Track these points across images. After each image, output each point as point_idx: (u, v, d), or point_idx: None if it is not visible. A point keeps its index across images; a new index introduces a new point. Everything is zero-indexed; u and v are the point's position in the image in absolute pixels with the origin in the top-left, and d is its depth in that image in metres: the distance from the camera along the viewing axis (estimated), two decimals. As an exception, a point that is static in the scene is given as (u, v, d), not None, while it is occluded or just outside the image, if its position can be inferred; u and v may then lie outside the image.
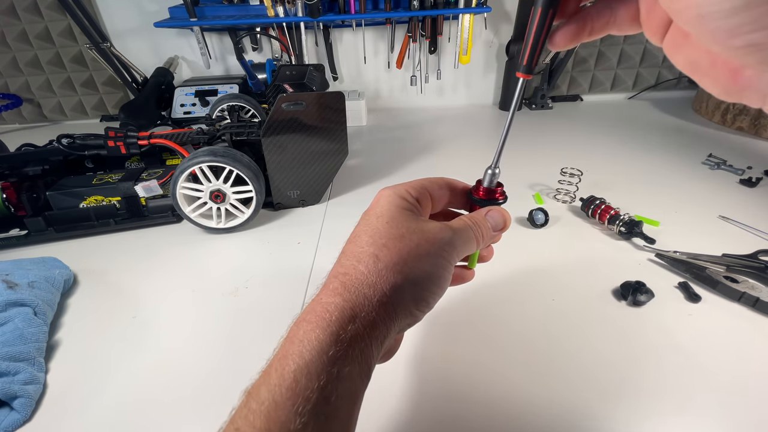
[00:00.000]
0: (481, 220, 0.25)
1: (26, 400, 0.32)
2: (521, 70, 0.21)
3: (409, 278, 0.21)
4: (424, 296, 0.22)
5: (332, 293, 0.21)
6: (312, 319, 0.20)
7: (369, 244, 0.22)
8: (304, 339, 0.19)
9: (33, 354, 0.35)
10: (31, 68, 0.97)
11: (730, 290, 0.40)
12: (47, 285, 0.42)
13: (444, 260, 0.23)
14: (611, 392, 0.32)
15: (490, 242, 0.26)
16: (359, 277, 0.21)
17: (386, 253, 0.22)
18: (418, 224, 0.23)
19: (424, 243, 0.22)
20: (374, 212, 0.24)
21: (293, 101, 0.52)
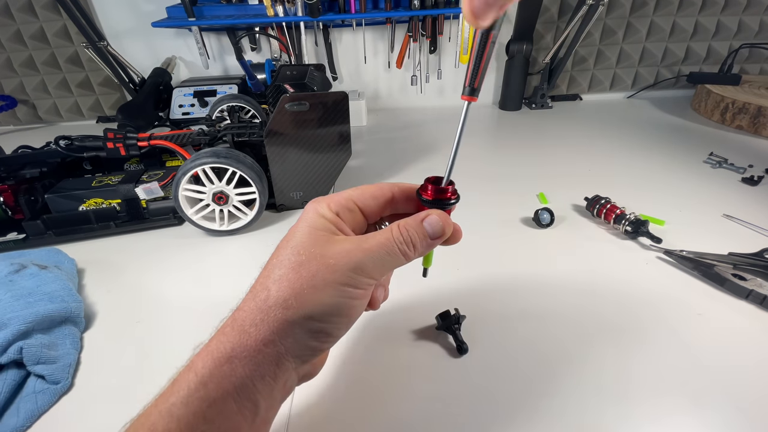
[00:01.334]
0: (414, 228, 0.23)
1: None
2: (466, 93, 0.21)
3: (302, 313, 0.20)
4: (323, 329, 0.21)
5: (221, 332, 0.21)
6: (194, 361, 0.21)
7: (267, 275, 0.22)
8: (180, 381, 0.20)
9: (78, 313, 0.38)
10: (26, 69, 0.96)
11: (738, 288, 0.40)
12: (69, 266, 0.45)
13: (347, 288, 0.21)
14: (614, 393, 0.31)
15: (426, 251, 0.24)
16: (248, 315, 0.21)
17: (279, 287, 0.21)
18: (323, 248, 0.21)
19: (323, 270, 0.21)
20: (287, 236, 0.23)
21: (296, 102, 0.52)
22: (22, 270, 0.41)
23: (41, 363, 0.33)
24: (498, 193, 0.62)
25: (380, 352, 0.36)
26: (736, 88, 0.90)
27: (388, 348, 0.36)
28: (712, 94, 0.89)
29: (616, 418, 0.30)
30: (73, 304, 0.38)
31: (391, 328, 0.38)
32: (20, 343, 0.33)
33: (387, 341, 0.37)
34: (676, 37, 1.00)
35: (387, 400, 0.31)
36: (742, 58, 1.01)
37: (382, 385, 0.33)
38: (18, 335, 0.33)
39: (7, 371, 0.32)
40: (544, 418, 0.30)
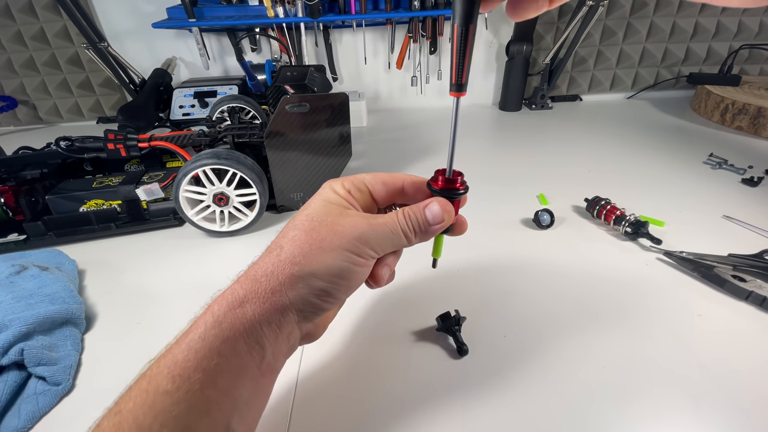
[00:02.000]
0: (416, 214, 0.25)
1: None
2: (453, 89, 0.22)
3: (307, 270, 0.23)
4: (324, 288, 0.23)
5: (237, 281, 0.24)
6: (212, 305, 0.23)
7: (283, 236, 0.24)
8: (199, 322, 0.22)
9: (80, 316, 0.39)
10: (27, 70, 0.96)
11: (738, 289, 0.40)
12: (70, 267, 0.45)
13: (350, 254, 0.23)
14: (614, 393, 0.31)
15: (428, 237, 0.26)
16: (261, 266, 0.23)
17: (290, 245, 0.23)
18: (334, 218, 0.24)
19: (331, 235, 0.23)
20: (305, 206, 0.26)
21: (297, 103, 0.52)
22: (23, 271, 0.41)
23: (42, 364, 0.33)
24: (498, 194, 0.62)
25: (380, 352, 0.36)
26: (736, 89, 0.90)
27: (388, 349, 0.36)
28: (712, 95, 0.89)
29: (616, 418, 0.30)
30: (73, 305, 0.39)
31: (391, 329, 0.38)
32: (21, 344, 0.33)
33: (387, 342, 0.37)
34: (676, 38, 1.00)
35: (387, 400, 0.32)
36: (742, 59, 1.02)
37: (382, 386, 0.33)
38: (19, 337, 0.33)
39: (8, 373, 0.32)
40: (544, 419, 0.30)
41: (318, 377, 0.34)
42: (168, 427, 0.19)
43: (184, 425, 0.19)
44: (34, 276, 0.40)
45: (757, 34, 0.99)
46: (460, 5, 0.19)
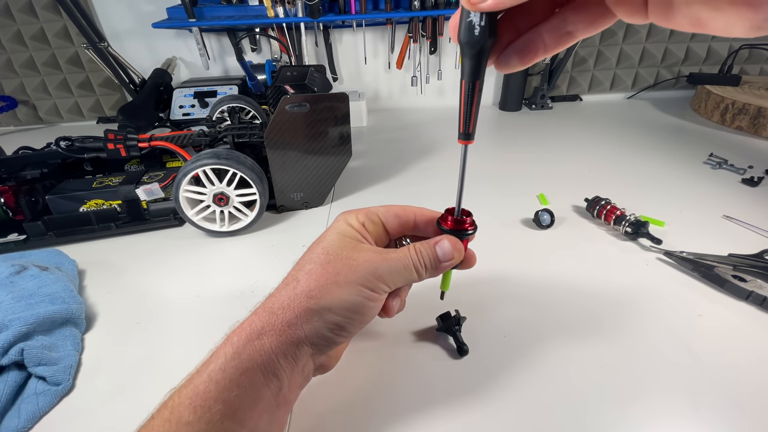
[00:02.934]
0: (427, 250, 0.26)
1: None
2: (461, 138, 0.24)
3: (323, 304, 0.23)
4: (338, 322, 0.24)
5: (255, 313, 0.24)
6: (231, 336, 0.24)
7: (299, 269, 0.25)
8: (219, 352, 0.23)
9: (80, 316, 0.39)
10: (27, 70, 0.96)
11: (738, 289, 0.40)
12: (70, 267, 0.46)
13: (364, 289, 0.24)
14: (614, 393, 0.31)
15: (438, 273, 0.27)
16: (278, 299, 0.24)
17: (306, 279, 0.24)
18: (349, 252, 0.25)
19: (346, 270, 0.24)
20: (319, 238, 0.27)
21: (297, 103, 0.52)
22: (23, 271, 0.41)
23: (42, 364, 0.33)
24: (498, 194, 0.62)
25: (380, 352, 0.36)
26: (736, 89, 0.90)
27: (388, 349, 0.36)
28: (712, 95, 0.89)
29: (616, 418, 0.30)
30: (74, 305, 0.39)
31: (391, 329, 0.38)
32: (21, 344, 0.33)
33: (387, 342, 0.37)
34: (675, 38, 1.00)
35: (387, 400, 0.32)
36: (741, 59, 1.02)
37: (382, 386, 0.33)
38: (19, 337, 0.33)
39: (8, 373, 0.32)
40: (544, 419, 0.30)
41: (318, 376, 0.34)
42: None
43: None
44: (34, 276, 0.40)
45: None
46: (468, 63, 0.21)
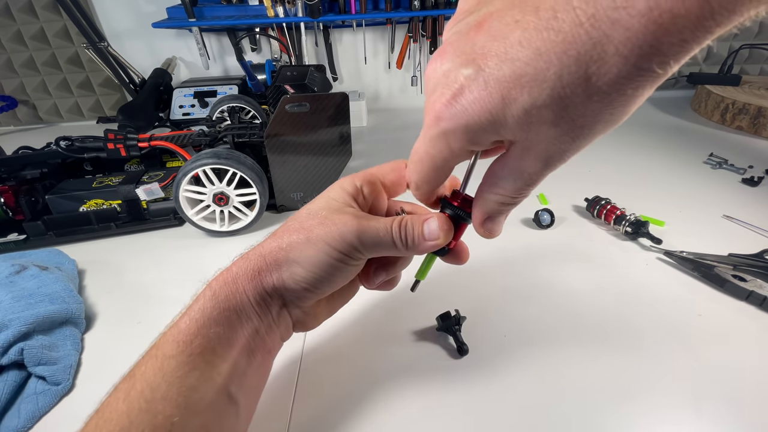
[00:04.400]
0: (413, 224, 0.24)
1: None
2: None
3: (291, 257, 0.24)
4: (305, 277, 0.24)
5: (235, 261, 0.26)
6: (211, 282, 0.25)
7: (285, 225, 0.26)
8: (200, 296, 0.25)
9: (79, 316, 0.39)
10: (27, 69, 0.96)
11: (738, 289, 0.40)
12: (70, 267, 0.46)
13: (333, 249, 0.24)
14: (614, 393, 0.31)
15: (419, 251, 0.25)
16: (256, 249, 0.25)
17: (282, 233, 0.25)
18: (330, 212, 0.25)
19: (319, 229, 0.24)
20: (317, 198, 0.27)
21: (297, 102, 0.52)
22: (22, 271, 0.41)
23: (42, 364, 0.33)
24: (498, 193, 0.62)
25: (380, 352, 0.36)
26: (736, 89, 0.90)
27: (387, 348, 0.36)
28: (712, 95, 0.89)
29: (616, 418, 0.30)
30: (73, 305, 0.39)
31: (391, 329, 0.38)
32: (21, 344, 0.33)
33: (387, 342, 0.37)
34: (676, 38, 1.00)
35: (387, 400, 0.32)
36: (742, 59, 1.02)
37: (381, 386, 0.33)
38: (19, 336, 0.33)
39: (8, 372, 0.32)
40: (544, 419, 0.30)
41: (318, 376, 0.34)
42: (174, 385, 0.21)
43: (189, 385, 0.21)
44: (34, 275, 0.40)
45: (757, 34, 0.99)
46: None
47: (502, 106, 0.15)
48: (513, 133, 0.16)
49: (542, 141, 0.16)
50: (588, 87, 0.13)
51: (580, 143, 0.16)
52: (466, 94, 0.15)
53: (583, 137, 0.15)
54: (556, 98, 0.14)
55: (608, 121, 0.14)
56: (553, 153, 0.16)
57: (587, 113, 0.14)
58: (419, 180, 0.22)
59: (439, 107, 0.16)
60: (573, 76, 0.13)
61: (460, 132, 0.17)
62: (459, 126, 0.16)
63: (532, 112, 0.15)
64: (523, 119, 0.15)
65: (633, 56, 0.12)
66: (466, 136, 0.17)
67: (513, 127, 0.15)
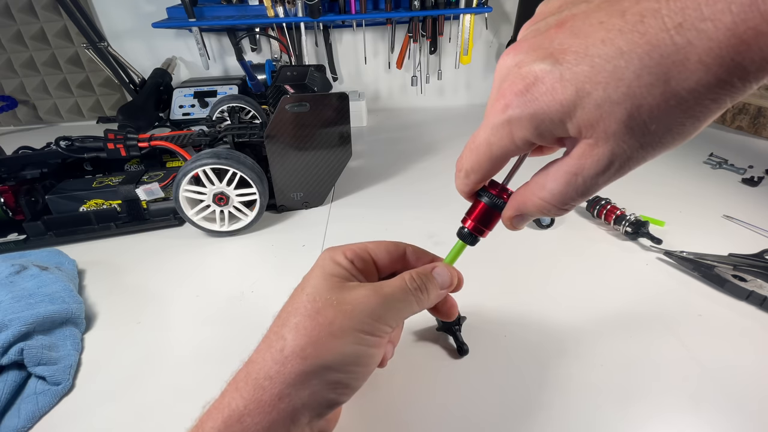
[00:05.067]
0: (427, 276, 0.23)
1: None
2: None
3: (320, 363, 0.20)
4: (341, 380, 0.20)
5: (234, 387, 0.20)
6: (203, 420, 0.20)
7: (283, 324, 0.21)
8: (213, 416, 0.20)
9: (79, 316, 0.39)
10: (27, 69, 0.96)
11: (738, 289, 0.40)
12: (70, 267, 0.45)
13: (366, 336, 0.20)
14: (614, 393, 0.31)
15: (436, 301, 0.25)
16: (262, 367, 0.20)
17: (295, 336, 0.20)
18: (339, 294, 0.21)
19: (341, 318, 0.20)
20: (303, 283, 0.23)
21: (297, 102, 0.52)
22: (22, 271, 0.41)
23: (42, 364, 0.33)
24: (498, 193, 0.62)
25: (381, 353, 0.36)
26: (736, 89, 0.90)
27: (388, 349, 0.36)
28: (712, 95, 0.89)
29: (616, 418, 0.30)
30: (73, 305, 0.39)
31: (391, 329, 0.38)
32: (21, 344, 0.33)
33: (387, 342, 0.37)
34: (676, 38, 1.00)
35: (387, 400, 0.32)
36: (742, 59, 1.01)
37: (381, 386, 0.33)
38: (19, 336, 0.33)
39: (8, 372, 0.32)
40: (544, 419, 0.30)
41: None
42: None
43: None
44: (34, 276, 0.40)
45: (757, 34, 0.99)
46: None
47: (575, 99, 0.15)
48: (580, 128, 0.15)
49: (609, 141, 0.15)
50: (666, 90, 0.13)
51: (645, 152, 0.15)
52: (539, 85, 0.15)
53: (651, 146, 0.15)
54: (632, 96, 0.14)
55: (678, 132, 0.14)
56: (617, 157, 0.15)
57: (661, 118, 0.14)
58: (471, 167, 0.20)
59: (510, 95, 0.16)
60: (653, 76, 0.13)
61: (526, 120, 0.16)
62: (526, 114, 0.16)
63: (605, 107, 0.14)
64: (594, 114, 0.15)
65: (715, 66, 0.12)
66: (531, 125, 0.16)
67: (581, 122, 0.15)
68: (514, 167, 0.22)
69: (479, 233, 0.24)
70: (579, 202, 0.18)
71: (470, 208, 0.24)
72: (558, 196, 0.17)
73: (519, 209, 0.20)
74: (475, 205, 0.24)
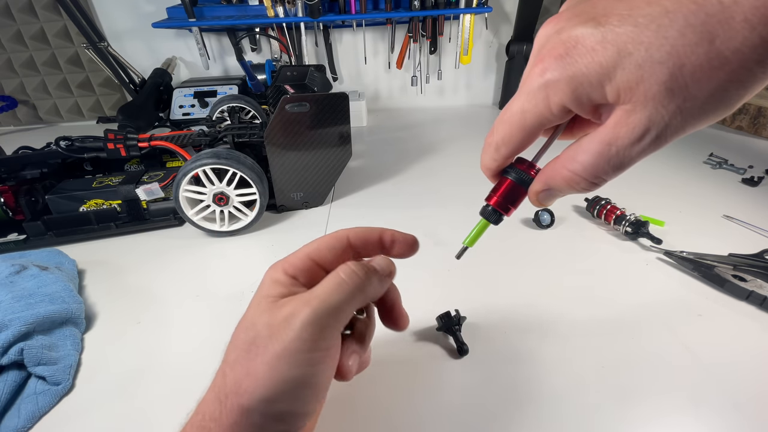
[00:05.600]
0: (361, 263, 0.22)
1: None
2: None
3: (257, 396, 0.18)
4: (286, 410, 0.19)
5: (188, 429, 0.19)
6: None
7: (225, 359, 0.20)
8: None
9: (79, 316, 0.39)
10: (27, 69, 0.96)
11: (738, 289, 0.40)
12: (70, 267, 0.46)
13: (304, 355, 0.18)
14: (614, 393, 0.31)
15: (382, 290, 0.23)
16: (207, 407, 0.19)
17: (232, 370, 0.19)
18: (269, 317, 0.19)
19: (272, 343, 0.18)
20: (245, 312, 0.21)
21: (297, 102, 0.52)
22: (22, 271, 0.41)
23: (42, 364, 0.33)
24: (498, 193, 0.62)
25: (380, 352, 0.36)
26: (736, 89, 0.90)
27: (387, 349, 0.36)
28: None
29: (616, 418, 0.30)
30: (73, 305, 0.39)
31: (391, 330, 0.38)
32: (21, 344, 0.33)
33: (386, 342, 0.37)
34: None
35: (387, 400, 0.32)
36: (742, 59, 1.01)
37: (381, 386, 0.33)
38: (19, 336, 0.33)
39: (8, 372, 0.32)
40: (544, 419, 0.30)
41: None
42: None
43: None
44: (34, 276, 0.40)
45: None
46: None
47: (616, 60, 0.14)
48: (619, 91, 0.15)
49: (647, 105, 0.14)
50: (710, 50, 0.13)
51: (684, 120, 0.14)
52: (579, 48, 0.15)
53: (690, 113, 0.14)
54: (674, 55, 0.13)
55: (720, 99, 0.14)
56: (654, 124, 0.15)
57: (703, 80, 0.13)
58: (502, 139, 0.19)
59: (549, 59, 0.16)
60: (697, 35, 0.13)
61: (563, 83, 0.15)
62: (564, 77, 0.15)
63: (646, 67, 0.14)
64: (634, 75, 0.14)
65: (760, 26, 0.12)
66: (569, 88, 0.15)
67: (621, 84, 0.14)
68: (543, 146, 0.21)
69: (504, 210, 0.23)
70: (611, 176, 0.17)
71: (495, 186, 0.22)
72: (589, 168, 0.17)
73: (547, 183, 0.19)
74: (500, 183, 0.22)
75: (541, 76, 0.16)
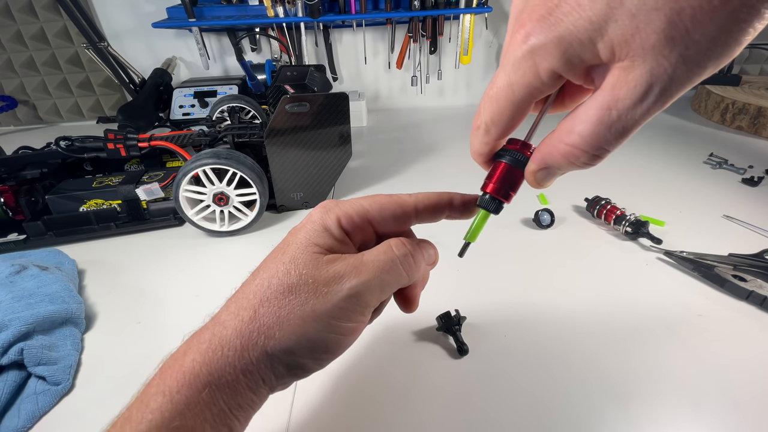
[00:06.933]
0: (414, 247, 0.21)
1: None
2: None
3: (284, 346, 0.18)
4: (303, 365, 0.19)
5: (197, 348, 0.19)
6: (164, 380, 0.18)
7: (257, 292, 0.19)
8: (150, 404, 0.18)
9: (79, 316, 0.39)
10: (27, 69, 0.96)
11: (738, 289, 0.40)
12: (70, 267, 0.46)
13: (340, 323, 0.19)
14: (614, 393, 0.31)
15: (421, 276, 0.22)
16: (229, 336, 0.19)
17: (265, 311, 0.19)
18: (317, 271, 0.19)
19: (313, 301, 0.18)
20: (287, 240, 0.21)
21: (297, 102, 0.52)
22: (22, 271, 0.41)
23: (42, 364, 0.33)
24: (498, 193, 0.62)
25: (380, 352, 0.36)
26: (736, 89, 0.90)
27: (388, 349, 0.36)
28: (712, 95, 0.89)
29: (616, 418, 0.30)
30: (73, 305, 0.39)
31: (391, 329, 0.38)
32: (21, 344, 0.33)
33: (387, 342, 0.37)
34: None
35: (387, 401, 0.32)
36: (742, 59, 1.02)
37: (382, 386, 0.33)
38: (19, 336, 0.33)
39: (8, 372, 0.32)
40: (545, 419, 0.30)
41: (317, 376, 0.34)
42: None
43: None
44: (34, 276, 0.40)
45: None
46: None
47: (606, 12, 0.13)
48: (613, 47, 0.13)
49: (646, 58, 0.13)
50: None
51: (689, 70, 0.13)
52: (563, 5, 0.13)
53: (695, 60, 0.12)
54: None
55: (725, 42, 0.12)
56: (656, 78, 0.13)
57: (704, 23, 0.12)
58: (491, 119, 0.18)
59: (530, 23, 0.14)
60: None
61: (551, 46, 0.14)
62: (551, 39, 0.14)
63: (640, 16, 0.12)
64: (629, 26, 0.12)
65: None
66: (558, 51, 0.14)
67: (615, 38, 0.13)
68: (534, 123, 0.19)
69: (504, 197, 0.21)
70: (614, 145, 0.15)
71: (489, 173, 0.21)
72: (589, 138, 0.15)
73: (544, 161, 0.17)
74: (495, 168, 0.20)
75: (524, 42, 0.14)
